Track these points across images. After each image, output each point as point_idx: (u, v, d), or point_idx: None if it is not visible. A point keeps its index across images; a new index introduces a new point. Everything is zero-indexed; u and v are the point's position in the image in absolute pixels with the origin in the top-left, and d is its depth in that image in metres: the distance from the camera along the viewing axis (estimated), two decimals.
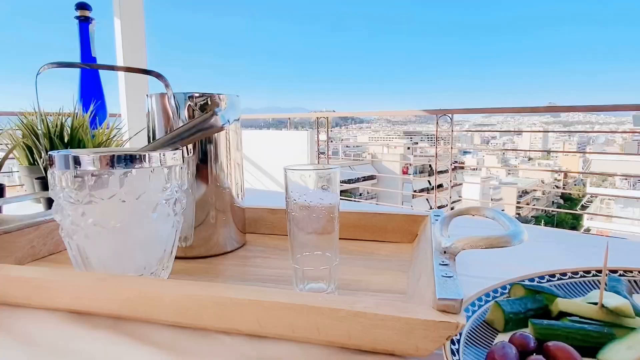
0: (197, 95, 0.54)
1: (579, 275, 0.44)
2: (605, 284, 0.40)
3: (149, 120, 0.56)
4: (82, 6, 0.89)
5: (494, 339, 0.34)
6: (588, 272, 0.45)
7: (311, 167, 0.41)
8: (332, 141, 4.70)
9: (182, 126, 0.49)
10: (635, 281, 0.44)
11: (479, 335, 0.34)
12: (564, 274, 0.44)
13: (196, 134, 0.50)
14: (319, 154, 4.15)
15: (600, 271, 0.44)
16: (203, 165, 0.55)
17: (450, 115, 3.28)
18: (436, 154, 3.58)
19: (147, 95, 0.57)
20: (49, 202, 0.80)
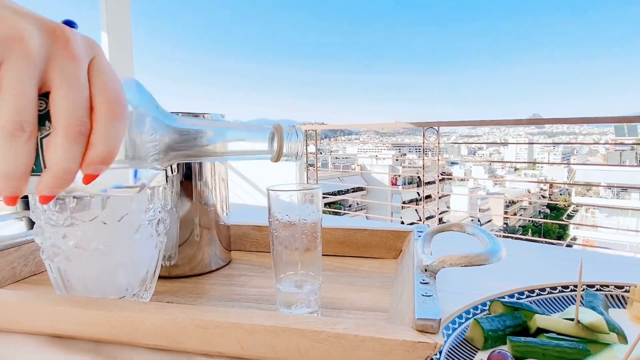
0: (180, 114, 0.54)
1: (557, 291, 0.45)
2: (582, 300, 0.41)
3: None
4: (67, 24, 0.90)
5: (474, 357, 0.34)
6: (566, 287, 0.46)
7: (294, 187, 0.42)
8: (321, 153, 4.71)
9: None
10: (611, 295, 0.45)
11: (459, 353, 0.35)
12: (543, 290, 0.45)
13: None
14: (307, 166, 4.15)
15: None
16: (187, 182, 0.56)
17: (436, 127, 3.32)
18: (423, 165, 3.62)
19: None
20: (31, 221, 0.78)
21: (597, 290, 0.45)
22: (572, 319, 0.36)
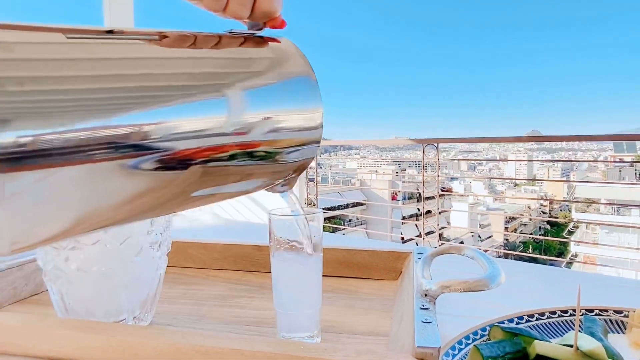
0: None
1: (556, 315, 0.45)
2: (581, 326, 0.41)
3: None
4: None
5: None
6: (565, 311, 0.46)
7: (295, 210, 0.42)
8: (321, 167, 4.73)
9: None
10: (610, 320, 0.45)
11: None
12: (542, 314, 0.45)
13: None
14: (307, 181, 4.16)
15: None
16: None
17: (435, 144, 3.34)
18: (423, 181, 3.63)
19: None
20: None
21: (596, 315, 0.45)
22: (571, 346, 0.36)
